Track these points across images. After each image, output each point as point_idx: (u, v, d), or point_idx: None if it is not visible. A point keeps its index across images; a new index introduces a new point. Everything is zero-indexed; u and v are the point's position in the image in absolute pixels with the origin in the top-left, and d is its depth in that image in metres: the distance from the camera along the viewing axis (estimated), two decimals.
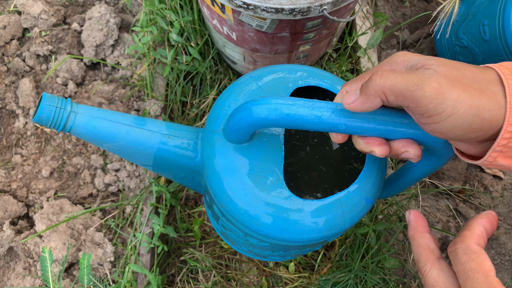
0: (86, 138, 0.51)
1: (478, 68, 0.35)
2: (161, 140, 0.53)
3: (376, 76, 0.35)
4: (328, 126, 0.39)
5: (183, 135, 0.54)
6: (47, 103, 0.47)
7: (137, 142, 0.52)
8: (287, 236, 0.49)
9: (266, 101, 0.40)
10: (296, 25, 0.76)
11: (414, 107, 0.34)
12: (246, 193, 0.47)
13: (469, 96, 0.32)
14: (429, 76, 0.33)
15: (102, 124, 0.50)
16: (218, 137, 0.49)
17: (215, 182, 0.50)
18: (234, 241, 0.64)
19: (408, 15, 1.22)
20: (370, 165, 0.49)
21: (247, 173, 0.47)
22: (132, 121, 0.52)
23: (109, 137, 0.51)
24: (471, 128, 0.33)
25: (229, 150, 0.48)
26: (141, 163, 0.57)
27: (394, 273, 0.93)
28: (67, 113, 0.48)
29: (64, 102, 0.48)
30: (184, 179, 0.60)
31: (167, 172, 0.59)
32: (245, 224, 0.50)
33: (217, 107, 0.53)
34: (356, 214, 0.49)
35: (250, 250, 0.64)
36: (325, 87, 0.52)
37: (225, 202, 0.49)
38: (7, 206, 0.92)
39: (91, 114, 0.50)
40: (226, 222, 0.57)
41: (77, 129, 0.50)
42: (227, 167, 0.48)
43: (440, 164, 0.45)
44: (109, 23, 1.04)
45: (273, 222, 0.48)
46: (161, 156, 0.54)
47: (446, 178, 1.03)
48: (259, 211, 0.48)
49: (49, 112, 0.47)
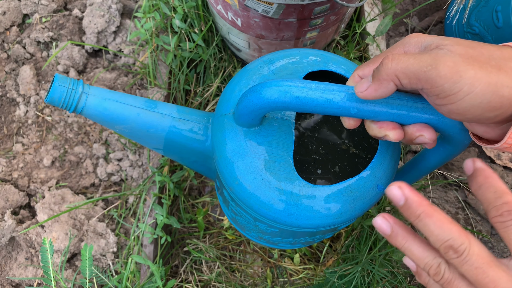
0: (97, 119, 0.52)
1: (495, 46, 0.33)
2: (172, 124, 0.53)
3: (387, 60, 0.34)
4: (339, 109, 0.37)
5: (193, 119, 0.54)
6: (59, 83, 0.47)
7: (148, 125, 0.53)
8: (296, 222, 0.48)
9: (277, 83, 0.39)
10: (304, 10, 0.74)
11: (429, 88, 0.32)
12: (255, 177, 0.47)
13: (486, 73, 0.31)
14: (443, 55, 0.32)
15: (113, 106, 0.50)
16: (228, 121, 0.49)
17: (224, 166, 0.49)
18: (244, 226, 0.64)
19: (417, 1, 1.18)
20: (383, 152, 0.48)
21: (256, 157, 0.47)
22: (143, 103, 0.52)
23: (120, 119, 0.52)
24: (490, 106, 0.31)
25: (239, 134, 0.48)
26: (152, 146, 0.58)
27: (402, 266, 0.92)
28: (79, 94, 0.49)
29: (76, 83, 0.49)
30: (195, 163, 0.60)
31: (177, 155, 0.59)
32: (254, 208, 0.49)
33: (228, 91, 0.52)
34: (367, 201, 0.48)
35: (260, 237, 0.64)
36: (339, 72, 0.51)
37: (234, 186, 0.49)
38: (8, 195, 0.91)
39: (103, 96, 0.50)
40: (235, 207, 0.57)
41: (88, 110, 0.50)
42: (236, 151, 0.48)
43: (456, 152, 0.43)
44: (110, 9, 1.02)
45: (282, 207, 0.47)
46: (171, 140, 0.54)
47: (456, 169, 1.01)
48: (268, 196, 0.47)
49: (61, 93, 0.47)
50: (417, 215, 0.33)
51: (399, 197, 0.33)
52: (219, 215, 1.00)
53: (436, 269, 0.33)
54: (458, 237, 0.31)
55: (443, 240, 0.32)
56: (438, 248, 0.32)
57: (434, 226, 0.32)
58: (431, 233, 0.32)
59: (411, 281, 0.92)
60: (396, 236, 0.35)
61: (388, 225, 0.35)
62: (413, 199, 0.33)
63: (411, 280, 0.92)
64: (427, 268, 0.34)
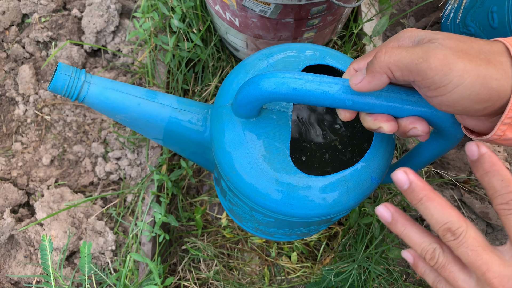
0: (99, 108, 0.52)
1: (485, 41, 0.34)
2: (171, 114, 0.54)
3: (380, 53, 0.35)
4: (335, 101, 0.38)
5: (193, 109, 0.55)
6: (62, 72, 0.48)
7: (148, 115, 0.53)
8: (292, 211, 0.49)
9: (274, 75, 0.40)
10: (301, 10, 0.75)
11: (420, 80, 0.33)
12: (252, 167, 0.48)
13: (475, 66, 0.31)
14: (434, 48, 0.33)
15: (114, 95, 0.51)
16: (226, 111, 0.50)
17: (222, 156, 0.50)
18: (241, 217, 0.64)
19: (414, 2, 1.19)
20: (377, 144, 0.49)
21: (254, 147, 0.48)
22: (143, 93, 0.53)
23: (121, 109, 0.52)
24: (479, 98, 0.32)
25: (237, 124, 0.49)
26: (152, 137, 0.58)
27: (398, 263, 0.92)
28: (81, 82, 0.49)
29: (79, 72, 0.50)
30: (194, 154, 0.61)
31: (177, 146, 0.60)
32: (250, 197, 0.50)
33: (227, 83, 0.53)
34: (361, 192, 0.49)
35: (256, 227, 0.65)
36: (336, 66, 0.52)
37: (231, 175, 0.50)
38: (7, 194, 0.91)
39: (104, 85, 0.51)
40: (232, 197, 0.58)
41: (90, 99, 0.51)
42: (234, 141, 0.49)
43: (449, 146, 0.44)
44: (109, 9, 1.02)
45: (278, 196, 0.48)
46: (171, 130, 0.55)
47: (451, 168, 1.02)
48: (264, 185, 0.48)
49: (63, 81, 0.48)
50: (419, 199, 0.34)
51: (404, 180, 0.34)
52: (217, 213, 1.00)
53: (432, 254, 0.35)
54: (456, 220, 0.33)
55: (442, 223, 0.33)
56: (437, 230, 0.34)
57: (434, 209, 0.33)
58: (431, 216, 0.34)
59: (407, 279, 0.92)
60: (396, 223, 0.36)
61: (389, 213, 0.36)
62: (416, 183, 0.34)
63: (406, 278, 0.92)
64: (424, 253, 0.35)
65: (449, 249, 0.35)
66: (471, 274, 0.34)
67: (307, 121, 0.59)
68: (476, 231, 0.33)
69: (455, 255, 0.34)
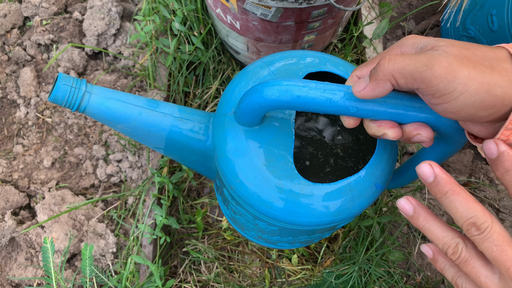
0: (100, 118, 0.52)
1: (489, 47, 0.34)
2: (173, 123, 0.54)
3: (384, 61, 0.35)
4: (339, 108, 0.38)
5: (194, 118, 0.55)
6: (62, 82, 0.48)
7: (150, 124, 0.53)
8: (296, 219, 0.49)
9: (277, 82, 0.39)
10: (302, 13, 0.75)
11: (424, 88, 0.33)
12: (256, 176, 0.48)
13: (479, 73, 0.32)
14: (438, 56, 0.33)
15: (115, 105, 0.51)
16: (229, 120, 0.50)
17: (225, 165, 0.50)
18: (243, 226, 0.64)
19: (414, 5, 1.20)
20: (381, 151, 0.49)
21: (257, 156, 0.48)
22: (145, 103, 0.53)
23: (122, 118, 0.52)
24: (483, 105, 0.32)
25: (239, 133, 0.48)
26: (153, 146, 0.58)
27: (398, 266, 0.93)
28: (82, 93, 0.49)
29: (79, 82, 0.49)
30: (195, 163, 0.60)
31: (178, 155, 0.59)
32: (254, 206, 0.50)
33: (229, 91, 0.53)
34: (365, 199, 0.49)
35: (259, 236, 0.64)
36: (337, 73, 0.52)
37: (235, 184, 0.50)
38: (8, 196, 0.91)
39: (105, 95, 0.51)
40: (235, 206, 0.57)
41: (91, 109, 0.50)
42: (237, 149, 0.48)
43: (452, 151, 0.44)
44: (110, 12, 1.03)
45: (282, 204, 0.48)
46: (172, 139, 0.55)
47: (452, 171, 1.02)
48: (268, 194, 0.48)
49: (64, 92, 0.48)
50: (445, 192, 0.34)
51: (429, 174, 0.34)
52: (218, 216, 1.01)
53: (454, 248, 0.34)
54: (482, 215, 0.32)
55: (467, 217, 0.33)
56: (461, 225, 0.33)
57: (459, 203, 0.33)
58: (456, 210, 0.33)
59: (407, 281, 0.93)
60: (418, 216, 0.36)
61: (411, 206, 0.36)
62: (442, 176, 0.34)
63: (407, 280, 0.93)
64: (446, 248, 0.35)
65: (472, 244, 0.34)
66: (494, 270, 0.33)
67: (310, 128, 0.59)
68: (501, 226, 0.32)
69: (477, 250, 0.34)
